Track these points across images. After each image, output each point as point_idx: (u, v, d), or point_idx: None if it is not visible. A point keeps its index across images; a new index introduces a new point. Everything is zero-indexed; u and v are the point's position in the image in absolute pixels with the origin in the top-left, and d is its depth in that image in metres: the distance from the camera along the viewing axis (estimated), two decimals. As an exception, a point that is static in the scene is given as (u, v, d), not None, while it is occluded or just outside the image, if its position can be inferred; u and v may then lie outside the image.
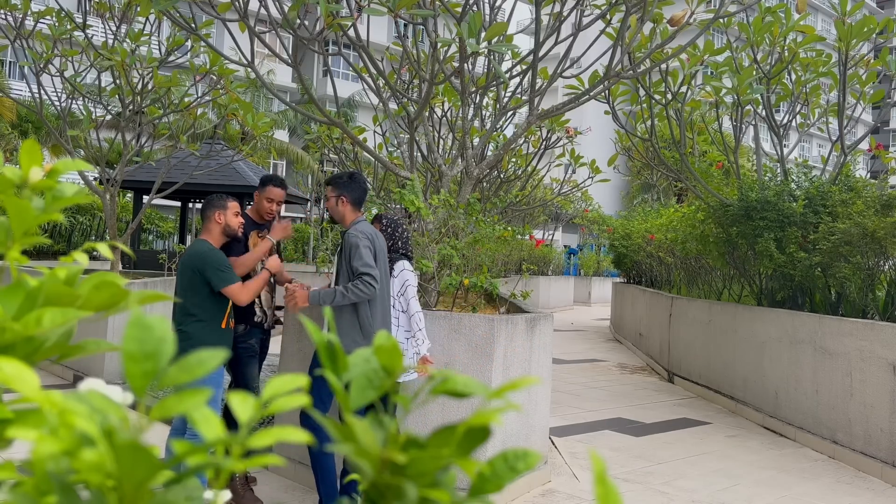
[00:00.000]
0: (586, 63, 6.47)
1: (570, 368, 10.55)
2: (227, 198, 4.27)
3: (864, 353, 6.00)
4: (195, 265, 4.05)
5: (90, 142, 8.89)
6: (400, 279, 4.35)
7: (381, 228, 4.45)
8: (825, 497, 5.19)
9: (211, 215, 4.19)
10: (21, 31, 7.67)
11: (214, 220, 4.18)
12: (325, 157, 9.46)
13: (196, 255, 4.08)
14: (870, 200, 6.54)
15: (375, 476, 0.53)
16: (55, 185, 0.68)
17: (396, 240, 4.45)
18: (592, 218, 28.04)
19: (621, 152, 9.87)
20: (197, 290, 4.03)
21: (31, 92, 8.32)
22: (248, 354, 4.53)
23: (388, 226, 4.48)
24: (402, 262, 4.39)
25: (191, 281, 4.05)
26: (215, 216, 4.18)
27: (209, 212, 4.20)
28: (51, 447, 0.49)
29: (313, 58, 31.78)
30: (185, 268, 4.09)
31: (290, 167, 27.38)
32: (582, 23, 5.95)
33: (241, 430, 0.53)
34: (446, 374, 0.58)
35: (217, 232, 4.20)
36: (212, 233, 4.19)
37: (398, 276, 4.35)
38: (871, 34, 7.03)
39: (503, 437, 4.68)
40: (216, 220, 4.18)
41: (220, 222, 4.19)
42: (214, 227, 4.19)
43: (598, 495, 0.50)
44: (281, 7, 5.53)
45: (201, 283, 4.03)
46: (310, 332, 0.59)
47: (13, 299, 0.61)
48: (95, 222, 16.84)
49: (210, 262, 4.06)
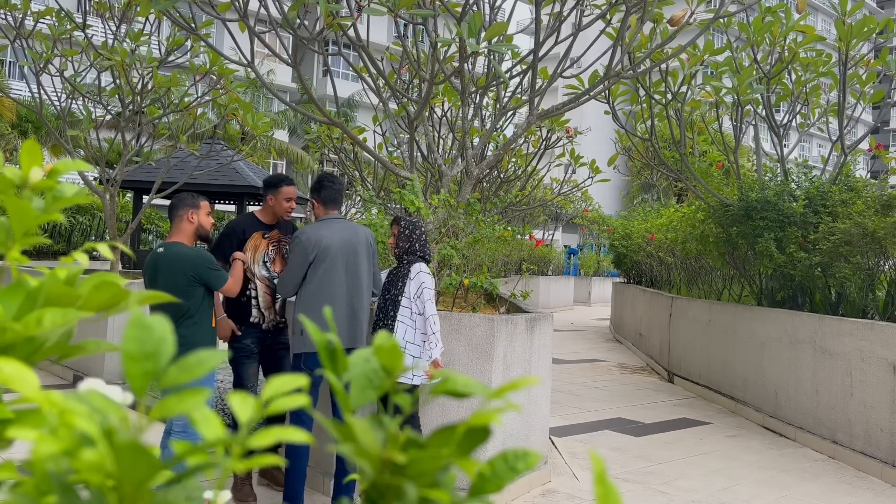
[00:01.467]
0: (586, 63, 6.47)
1: (570, 368, 10.55)
2: (199, 197, 4.18)
3: (864, 353, 6.00)
4: (186, 269, 3.96)
5: (90, 142, 8.89)
6: (416, 281, 4.33)
7: (399, 231, 4.46)
8: (825, 497, 5.19)
9: (183, 215, 4.09)
10: (21, 30, 7.67)
11: (187, 219, 4.09)
12: (325, 157, 9.47)
13: (185, 260, 3.98)
14: (870, 200, 6.54)
15: (375, 476, 0.53)
16: (55, 185, 0.68)
17: (414, 242, 4.44)
18: (592, 218, 28.03)
19: (621, 152, 9.87)
20: (189, 292, 3.96)
21: (31, 92, 8.32)
22: (243, 355, 4.52)
23: (405, 227, 4.47)
24: (419, 265, 4.36)
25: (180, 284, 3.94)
26: (188, 215, 4.09)
27: (181, 211, 4.09)
28: (51, 447, 0.49)
29: (313, 58, 31.78)
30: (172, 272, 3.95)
31: (290, 167, 27.38)
32: (582, 23, 5.95)
33: (241, 430, 0.53)
34: (446, 374, 0.58)
35: (190, 232, 4.10)
36: (184, 233, 4.09)
37: (414, 279, 4.33)
38: (871, 34, 7.03)
39: (503, 437, 4.68)
40: (189, 220, 4.09)
41: (193, 222, 4.10)
42: (187, 226, 4.09)
43: (597, 495, 0.50)
44: (281, 7, 5.53)
45: (194, 285, 3.96)
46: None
47: (13, 299, 0.61)
48: (95, 222, 16.84)
49: (204, 264, 4.02)
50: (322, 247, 4.18)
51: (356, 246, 4.30)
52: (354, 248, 4.28)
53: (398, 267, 4.43)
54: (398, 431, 0.56)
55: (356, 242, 4.30)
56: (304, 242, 4.19)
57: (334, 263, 4.20)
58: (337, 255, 4.21)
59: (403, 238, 4.43)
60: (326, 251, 4.19)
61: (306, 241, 4.19)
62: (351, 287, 4.26)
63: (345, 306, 4.24)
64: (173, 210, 4.13)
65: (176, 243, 4.07)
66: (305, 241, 4.19)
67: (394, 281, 4.39)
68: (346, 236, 4.28)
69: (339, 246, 4.22)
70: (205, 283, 4.01)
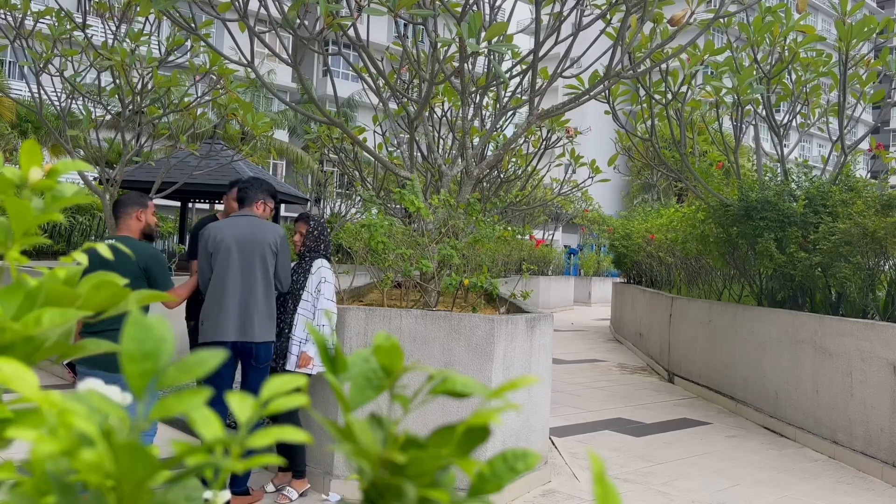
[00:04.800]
0: (586, 63, 6.47)
1: (570, 368, 10.54)
2: (146, 196, 4.31)
3: (864, 353, 6.00)
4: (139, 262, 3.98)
5: (90, 142, 8.88)
6: (317, 276, 4.54)
7: (308, 230, 4.67)
8: (825, 497, 5.19)
9: (132, 213, 4.19)
10: (21, 30, 7.66)
11: (135, 217, 4.19)
12: (325, 156, 9.47)
13: (147, 254, 4.02)
14: (870, 200, 6.54)
15: (375, 476, 0.53)
16: (55, 185, 0.68)
17: (321, 242, 4.69)
18: (592, 218, 28.03)
19: (621, 152, 9.86)
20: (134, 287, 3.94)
21: (31, 92, 8.32)
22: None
23: (315, 228, 4.70)
24: (321, 261, 4.61)
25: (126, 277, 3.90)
26: (136, 214, 4.19)
27: (130, 209, 4.19)
28: (50, 447, 0.49)
29: (313, 58, 31.78)
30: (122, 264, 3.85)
31: (289, 167, 27.39)
32: (582, 23, 5.95)
33: (240, 430, 0.53)
34: (446, 374, 0.58)
35: (137, 230, 4.20)
36: (131, 230, 4.19)
37: (315, 273, 4.55)
38: (871, 34, 7.03)
39: (503, 437, 4.67)
40: (137, 218, 4.20)
41: (142, 221, 4.21)
42: (134, 224, 4.19)
43: (597, 495, 0.50)
44: (281, 7, 5.53)
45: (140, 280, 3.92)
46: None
47: (13, 299, 0.61)
48: (95, 222, 16.84)
49: (161, 262, 4.08)
50: (217, 241, 4.36)
51: (255, 243, 4.38)
52: (252, 245, 4.37)
53: (299, 263, 4.66)
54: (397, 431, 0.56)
55: (257, 240, 4.39)
56: (205, 237, 4.43)
57: (227, 258, 4.33)
58: (231, 251, 4.34)
59: (312, 237, 4.66)
60: (220, 245, 4.35)
61: (206, 236, 4.42)
62: (244, 283, 4.34)
63: (237, 300, 4.32)
64: (122, 207, 4.23)
65: (129, 238, 4.14)
66: (206, 235, 4.42)
67: (295, 277, 4.59)
68: (246, 232, 4.40)
69: (235, 241, 4.35)
70: (152, 282, 3.98)
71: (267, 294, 4.39)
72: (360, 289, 6.55)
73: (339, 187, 24.91)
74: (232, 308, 4.30)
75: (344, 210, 20.35)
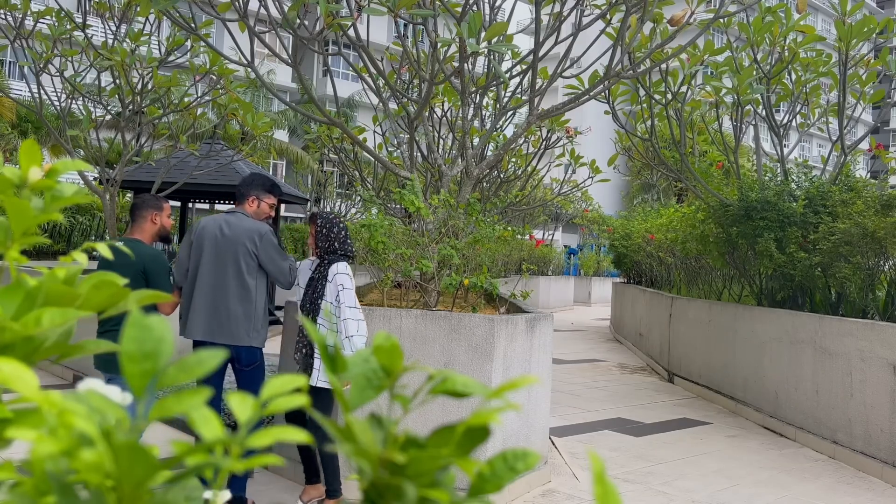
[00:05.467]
0: (586, 63, 6.47)
1: (570, 368, 10.55)
2: (162, 199, 4.31)
3: (864, 353, 6.00)
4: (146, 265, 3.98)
5: (90, 142, 8.88)
6: (334, 285, 4.13)
7: (317, 230, 4.29)
8: (825, 497, 5.19)
9: (147, 215, 4.18)
10: (21, 30, 7.67)
11: (150, 220, 4.19)
12: (325, 157, 9.48)
13: (147, 256, 4.03)
14: (870, 200, 6.54)
15: (375, 476, 0.53)
16: (54, 185, 0.68)
17: (332, 240, 4.25)
18: (592, 218, 28.03)
19: (621, 152, 9.87)
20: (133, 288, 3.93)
21: (31, 92, 8.32)
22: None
23: (322, 226, 4.29)
24: (337, 265, 4.16)
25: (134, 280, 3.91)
26: (151, 217, 4.19)
27: (145, 212, 4.18)
28: (50, 447, 0.49)
29: (313, 58, 31.78)
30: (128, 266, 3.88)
31: (289, 167, 27.39)
32: (582, 23, 5.95)
33: (240, 430, 0.53)
34: (446, 373, 0.58)
35: (151, 232, 4.20)
36: (145, 232, 4.18)
37: (332, 281, 4.13)
38: (871, 34, 7.03)
39: (503, 437, 4.68)
40: (152, 221, 4.19)
41: (157, 223, 4.21)
42: (149, 227, 4.19)
43: (597, 495, 0.50)
44: (281, 7, 5.53)
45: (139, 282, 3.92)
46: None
47: (13, 299, 0.61)
48: (95, 222, 16.84)
49: (162, 265, 4.07)
50: (199, 235, 4.24)
51: (229, 243, 4.16)
52: (226, 245, 4.16)
53: (319, 266, 4.25)
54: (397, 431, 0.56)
55: (231, 240, 4.16)
56: (194, 228, 4.32)
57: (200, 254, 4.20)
58: (205, 248, 4.18)
59: (322, 237, 4.25)
60: (200, 240, 4.22)
61: (195, 227, 4.32)
62: (217, 282, 4.15)
63: (207, 298, 4.15)
64: (137, 210, 4.21)
65: (136, 241, 4.14)
66: (196, 226, 4.32)
67: (315, 283, 4.22)
68: (224, 231, 4.18)
69: (211, 239, 4.18)
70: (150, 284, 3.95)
71: (243, 296, 4.13)
72: (360, 289, 6.56)
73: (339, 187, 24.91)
74: (201, 307, 4.13)
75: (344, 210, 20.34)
